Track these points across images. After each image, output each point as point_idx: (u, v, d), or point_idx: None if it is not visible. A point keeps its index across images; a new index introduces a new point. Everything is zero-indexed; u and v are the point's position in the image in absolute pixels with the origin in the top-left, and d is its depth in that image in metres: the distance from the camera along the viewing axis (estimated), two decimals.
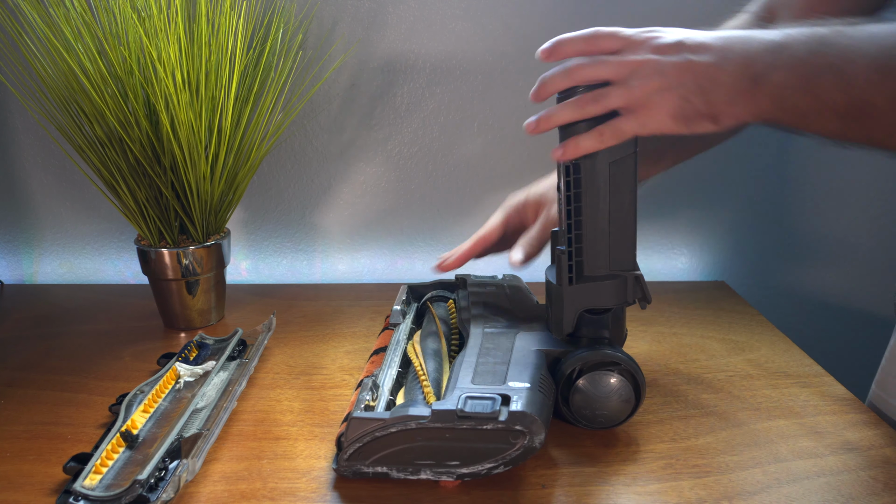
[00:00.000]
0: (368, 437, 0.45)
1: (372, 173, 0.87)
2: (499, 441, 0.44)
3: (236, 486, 0.47)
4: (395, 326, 0.63)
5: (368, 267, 0.92)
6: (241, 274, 0.93)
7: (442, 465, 0.45)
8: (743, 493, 0.46)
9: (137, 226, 0.70)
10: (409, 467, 0.46)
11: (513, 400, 0.45)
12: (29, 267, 0.92)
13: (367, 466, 0.46)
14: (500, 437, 0.44)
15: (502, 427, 0.44)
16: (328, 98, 0.84)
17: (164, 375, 0.58)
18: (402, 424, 0.45)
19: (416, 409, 0.45)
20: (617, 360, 0.51)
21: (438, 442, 0.45)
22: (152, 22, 0.61)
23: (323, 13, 0.80)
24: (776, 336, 0.71)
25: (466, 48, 0.82)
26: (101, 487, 0.45)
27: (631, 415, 0.52)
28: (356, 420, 0.46)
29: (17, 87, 0.74)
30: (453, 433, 0.45)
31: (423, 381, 0.53)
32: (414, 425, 0.45)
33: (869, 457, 0.50)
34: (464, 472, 0.45)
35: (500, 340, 0.55)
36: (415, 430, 0.45)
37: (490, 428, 0.44)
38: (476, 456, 0.45)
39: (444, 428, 0.45)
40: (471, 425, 0.44)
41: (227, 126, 0.68)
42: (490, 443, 0.45)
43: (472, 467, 0.45)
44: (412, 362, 0.57)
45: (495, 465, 0.45)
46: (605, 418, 0.52)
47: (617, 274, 0.51)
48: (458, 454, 0.45)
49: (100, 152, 0.67)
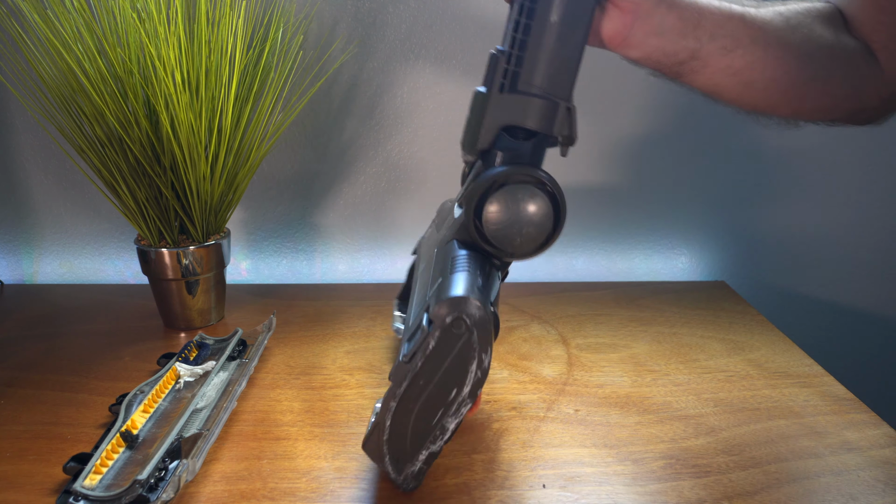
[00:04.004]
0: (384, 445, 0.44)
1: (372, 173, 0.87)
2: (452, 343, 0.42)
3: (236, 486, 0.47)
4: None
5: (368, 267, 0.92)
6: (241, 274, 0.93)
7: (451, 404, 0.43)
8: (743, 493, 0.46)
9: (137, 226, 0.70)
10: (435, 432, 0.44)
11: (431, 305, 0.42)
12: (29, 267, 0.92)
13: (413, 463, 0.45)
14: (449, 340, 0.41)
15: (439, 333, 0.41)
16: (328, 98, 0.84)
17: (164, 375, 0.58)
18: (389, 412, 0.44)
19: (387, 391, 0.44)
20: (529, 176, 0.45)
21: (425, 393, 0.43)
22: (152, 22, 0.61)
23: (323, 13, 0.80)
24: (776, 336, 0.71)
25: (466, 48, 0.82)
26: (101, 487, 0.45)
27: (553, 234, 0.46)
28: (366, 447, 0.45)
29: (17, 87, 0.74)
30: (421, 376, 0.42)
31: None
32: (394, 403, 0.43)
33: (869, 457, 0.50)
34: (468, 391, 0.43)
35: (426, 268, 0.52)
36: (399, 406, 0.43)
37: (434, 344, 0.41)
38: (459, 371, 0.42)
39: (413, 379, 0.42)
40: (421, 358, 0.42)
41: (227, 126, 0.68)
42: (452, 353, 0.42)
43: (470, 381, 0.42)
44: None
45: (479, 361, 0.42)
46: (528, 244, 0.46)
47: (550, 97, 0.46)
48: (448, 384, 0.43)
49: (100, 152, 0.67)
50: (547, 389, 0.61)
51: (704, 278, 0.93)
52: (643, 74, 0.52)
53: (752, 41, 0.48)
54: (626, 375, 0.63)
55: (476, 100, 0.48)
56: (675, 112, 0.85)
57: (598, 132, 0.85)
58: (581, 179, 0.88)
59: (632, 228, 0.91)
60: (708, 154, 0.88)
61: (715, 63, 0.48)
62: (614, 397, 0.59)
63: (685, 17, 0.47)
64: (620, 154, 0.87)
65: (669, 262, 0.92)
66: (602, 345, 0.70)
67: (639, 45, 0.47)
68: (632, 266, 0.93)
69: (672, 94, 0.83)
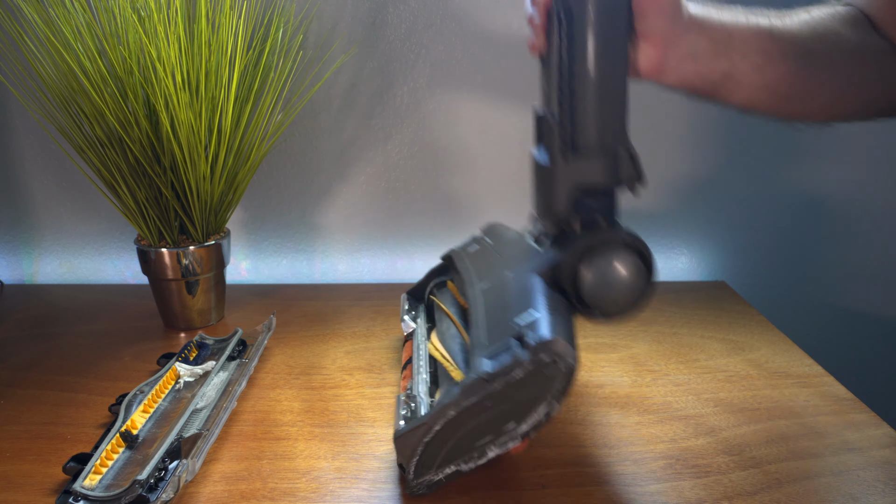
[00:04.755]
0: (420, 446, 0.44)
1: (372, 173, 0.87)
2: (537, 381, 0.42)
3: (236, 486, 0.47)
4: (411, 336, 0.62)
5: (368, 267, 0.92)
6: (241, 274, 0.93)
7: (502, 434, 0.43)
8: (743, 493, 0.46)
9: (137, 226, 0.70)
10: (473, 453, 0.44)
11: (527, 335, 0.42)
12: (29, 267, 0.92)
13: (436, 473, 0.44)
14: (536, 377, 0.42)
15: (532, 367, 0.41)
16: (328, 98, 0.84)
17: (164, 375, 0.58)
18: (443, 418, 0.43)
19: (448, 397, 0.43)
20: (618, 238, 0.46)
21: (485, 414, 0.43)
22: (152, 22, 0.61)
23: (323, 13, 0.80)
24: (776, 336, 0.71)
25: (466, 48, 0.82)
26: (100, 488, 0.45)
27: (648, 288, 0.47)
28: (400, 438, 0.44)
29: (17, 87, 0.74)
30: (492, 398, 0.42)
31: (448, 367, 0.51)
32: (453, 412, 0.43)
33: (869, 457, 0.50)
34: (525, 430, 0.43)
35: (496, 289, 0.53)
36: (457, 416, 0.43)
37: (522, 375, 0.42)
38: (526, 407, 0.43)
39: (482, 398, 0.42)
40: (503, 382, 0.42)
41: (227, 126, 0.68)
42: (530, 388, 0.42)
43: (530, 420, 0.43)
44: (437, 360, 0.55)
45: (549, 406, 0.42)
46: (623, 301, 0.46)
47: (609, 147, 0.46)
48: (509, 415, 0.43)
49: (100, 152, 0.67)
50: None
51: (704, 278, 0.93)
52: None
53: (784, 55, 0.48)
54: (626, 375, 0.63)
55: (539, 170, 0.49)
56: (675, 111, 0.85)
57: None
58: None
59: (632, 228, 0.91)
60: (708, 154, 0.88)
61: (749, 81, 0.48)
62: (614, 397, 0.59)
63: (715, 38, 0.47)
64: None
65: (669, 262, 0.92)
66: (602, 345, 0.69)
67: (673, 71, 0.48)
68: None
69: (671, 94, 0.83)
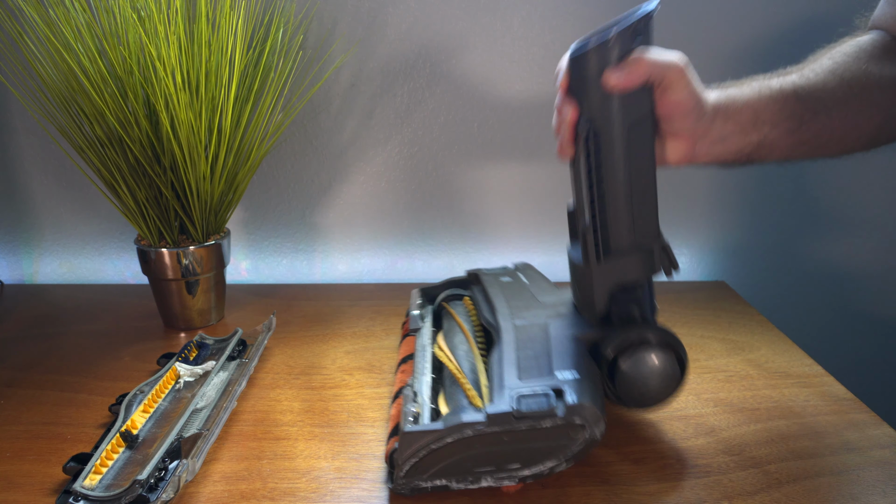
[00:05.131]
0: (424, 450, 0.43)
1: (372, 173, 0.87)
2: (559, 437, 0.43)
3: (236, 486, 0.47)
4: (416, 332, 0.61)
5: (368, 267, 0.92)
6: (241, 274, 0.93)
7: (503, 470, 0.44)
8: (743, 493, 0.46)
9: (137, 226, 0.70)
10: (468, 476, 0.44)
11: (566, 392, 0.43)
12: (29, 267, 0.92)
13: (426, 481, 0.44)
14: (560, 434, 0.43)
15: (562, 423, 0.42)
16: (328, 98, 0.84)
17: (164, 375, 0.58)
18: (458, 433, 0.43)
19: (470, 416, 0.43)
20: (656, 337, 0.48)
21: (497, 447, 0.43)
22: (152, 22, 0.61)
23: (323, 13, 0.80)
24: (776, 336, 0.71)
25: (466, 48, 0.82)
26: (100, 487, 0.45)
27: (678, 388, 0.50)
28: (409, 435, 0.43)
29: (17, 87, 0.74)
30: (511, 435, 0.43)
31: (463, 384, 0.50)
32: (471, 432, 0.42)
33: (869, 457, 0.50)
34: (526, 475, 0.44)
35: (533, 332, 0.53)
36: (472, 438, 0.43)
37: (549, 425, 0.42)
38: (537, 456, 0.43)
39: (502, 431, 0.42)
40: (529, 425, 0.42)
41: (227, 126, 0.68)
42: (550, 440, 0.43)
43: (535, 468, 0.43)
44: (445, 366, 0.54)
45: (558, 463, 0.43)
46: (655, 396, 0.49)
47: (643, 245, 0.48)
48: (518, 456, 0.43)
49: (100, 152, 0.67)
50: None
51: (704, 278, 0.93)
52: None
53: (815, 113, 0.48)
54: None
55: (577, 271, 0.51)
56: None
57: None
58: None
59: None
60: None
61: (783, 143, 0.49)
62: None
63: (741, 120, 0.47)
64: None
65: None
66: None
67: (704, 156, 0.48)
68: None
69: None
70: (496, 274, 0.65)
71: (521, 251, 0.90)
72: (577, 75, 0.46)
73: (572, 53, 0.46)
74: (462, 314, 0.63)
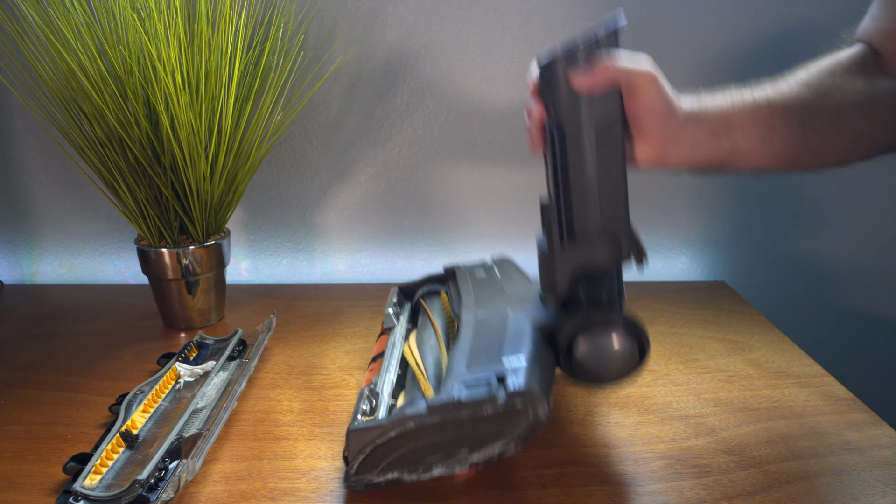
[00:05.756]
0: (370, 446, 0.44)
1: (372, 173, 0.87)
2: (502, 422, 0.43)
3: (236, 486, 0.47)
4: (389, 330, 0.62)
5: (368, 267, 0.92)
6: (241, 274, 0.93)
7: (452, 456, 0.44)
8: (743, 493, 0.46)
9: (137, 226, 0.70)
10: (419, 467, 0.44)
11: (509, 378, 0.43)
12: (29, 267, 0.92)
13: (377, 475, 0.45)
14: (503, 419, 0.43)
15: (503, 409, 0.42)
16: (328, 98, 0.84)
17: (164, 375, 0.58)
18: (400, 427, 0.43)
19: (413, 408, 0.44)
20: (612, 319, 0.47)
21: (442, 436, 0.43)
22: (152, 22, 0.61)
23: (323, 13, 0.80)
24: (776, 336, 0.71)
25: (466, 48, 0.82)
26: (100, 487, 0.45)
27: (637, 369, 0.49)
28: (354, 433, 0.44)
29: (17, 87, 0.74)
30: (455, 424, 0.43)
31: (420, 378, 0.51)
32: (413, 425, 0.43)
33: (869, 457, 0.50)
34: (476, 460, 0.44)
35: (491, 322, 0.53)
36: (416, 430, 0.43)
37: (491, 412, 0.42)
38: (484, 440, 0.43)
39: (444, 421, 0.43)
40: (470, 413, 0.43)
41: (227, 126, 0.68)
42: (495, 426, 0.43)
43: (483, 452, 0.43)
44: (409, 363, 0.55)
45: (506, 446, 0.43)
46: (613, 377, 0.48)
47: (610, 233, 0.48)
48: (464, 442, 0.44)
49: (100, 152, 0.67)
50: None
51: (704, 278, 0.93)
52: None
53: (786, 123, 0.48)
54: None
55: (542, 254, 0.51)
56: None
57: None
58: None
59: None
60: None
61: (756, 153, 0.49)
62: (614, 397, 0.59)
63: (713, 127, 0.48)
64: None
65: (669, 262, 0.92)
66: None
67: (675, 160, 0.48)
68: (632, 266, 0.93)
69: None
70: (472, 268, 0.66)
71: (522, 250, 0.90)
72: (545, 80, 0.48)
73: (541, 61, 0.47)
74: (436, 309, 0.63)
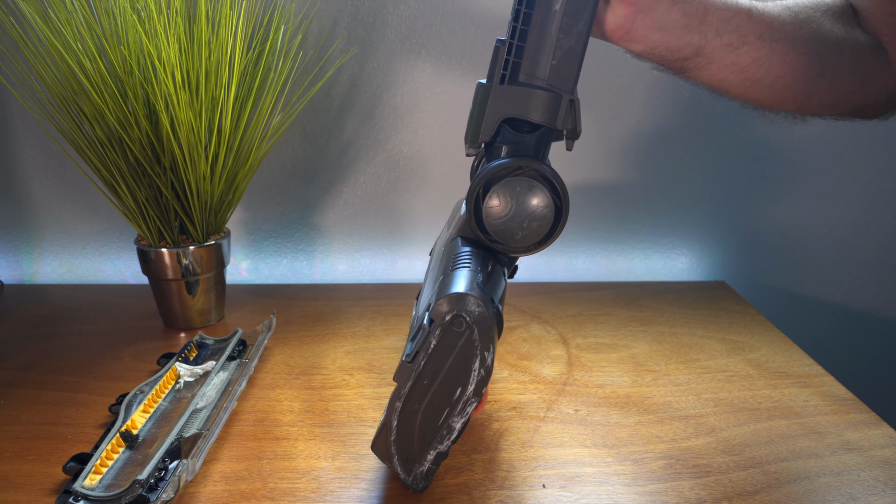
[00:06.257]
0: (392, 446, 0.45)
1: (372, 173, 0.87)
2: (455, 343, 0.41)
3: (236, 486, 0.47)
4: None
5: (368, 267, 0.92)
6: (241, 274, 0.93)
7: (457, 404, 0.43)
8: (743, 493, 0.46)
9: (137, 226, 0.70)
10: (442, 431, 0.44)
11: (431, 306, 0.42)
12: (29, 267, 0.92)
13: (422, 463, 0.45)
14: (451, 338, 0.41)
15: (440, 332, 0.41)
16: (328, 98, 0.84)
17: (164, 375, 0.58)
18: (395, 413, 0.44)
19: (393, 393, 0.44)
20: (523, 165, 0.44)
21: (431, 392, 0.43)
22: (152, 22, 0.61)
23: (323, 13, 0.80)
24: (776, 336, 0.71)
25: (467, 47, 0.82)
26: (100, 487, 0.45)
27: (556, 228, 0.46)
28: (375, 449, 0.45)
29: (17, 87, 0.74)
30: (426, 375, 0.42)
31: None
32: (399, 404, 0.43)
33: (869, 457, 0.50)
34: (473, 389, 0.43)
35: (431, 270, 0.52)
36: (405, 405, 0.43)
37: (435, 343, 0.41)
38: (464, 370, 0.42)
39: (417, 379, 0.42)
40: (423, 357, 0.42)
41: (227, 126, 0.68)
42: (453, 352, 0.42)
43: (474, 378, 0.42)
44: None
45: (481, 359, 0.42)
46: (528, 236, 0.46)
47: (552, 89, 0.45)
48: (454, 384, 0.43)
49: (100, 152, 0.67)
50: (547, 389, 0.61)
51: (704, 278, 0.93)
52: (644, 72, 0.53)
53: (759, 38, 0.48)
54: (626, 375, 0.63)
55: (478, 92, 0.48)
56: (676, 111, 0.85)
57: (599, 131, 0.85)
58: (581, 179, 0.88)
59: (632, 228, 0.91)
60: (708, 153, 0.88)
61: (720, 59, 0.48)
62: (614, 397, 0.59)
63: (689, 11, 0.46)
64: (621, 154, 0.87)
65: (669, 262, 0.92)
66: (602, 345, 0.70)
67: (641, 39, 0.47)
68: (632, 266, 0.93)
69: (674, 93, 0.83)
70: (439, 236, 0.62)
71: None
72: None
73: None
74: None
